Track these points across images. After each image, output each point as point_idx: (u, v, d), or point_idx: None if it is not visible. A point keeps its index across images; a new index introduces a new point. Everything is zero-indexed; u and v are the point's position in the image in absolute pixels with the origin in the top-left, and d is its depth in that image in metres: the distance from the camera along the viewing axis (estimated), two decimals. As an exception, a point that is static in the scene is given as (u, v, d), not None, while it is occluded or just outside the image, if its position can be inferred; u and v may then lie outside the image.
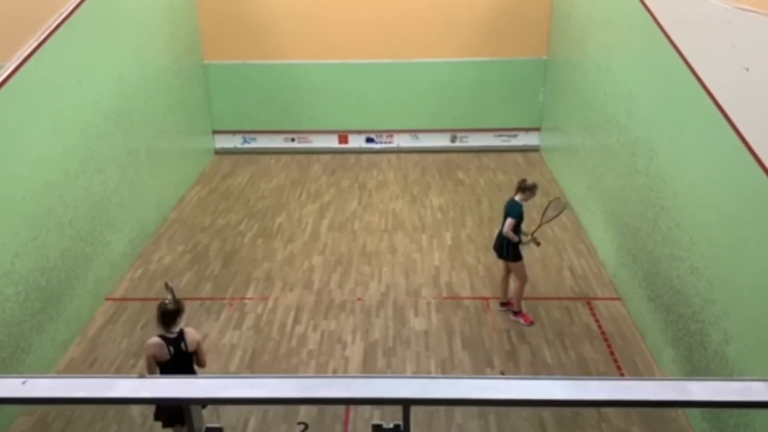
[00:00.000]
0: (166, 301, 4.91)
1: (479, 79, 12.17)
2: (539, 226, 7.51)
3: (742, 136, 5.12)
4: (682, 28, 6.36)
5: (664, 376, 6.32)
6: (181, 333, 4.92)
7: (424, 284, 8.15)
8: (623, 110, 7.84)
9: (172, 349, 4.86)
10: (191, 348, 4.96)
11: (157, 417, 5.11)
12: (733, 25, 5.35)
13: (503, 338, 7.11)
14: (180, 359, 4.89)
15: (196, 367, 5.12)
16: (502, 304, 7.57)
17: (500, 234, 7.21)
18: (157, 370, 4.89)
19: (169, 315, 4.85)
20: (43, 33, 6.82)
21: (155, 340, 4.87)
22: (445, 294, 7.96)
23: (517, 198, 7.10)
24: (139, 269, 8.57)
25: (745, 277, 5.07)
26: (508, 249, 7.19)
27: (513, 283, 7.48)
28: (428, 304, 7.74)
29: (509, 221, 7.00)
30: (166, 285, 5.24)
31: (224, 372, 6.65)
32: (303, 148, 12.68)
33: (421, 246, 9.09)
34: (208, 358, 6.75)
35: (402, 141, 12.69)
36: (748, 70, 5.08)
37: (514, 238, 7.09)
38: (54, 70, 6.95)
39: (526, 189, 7.08)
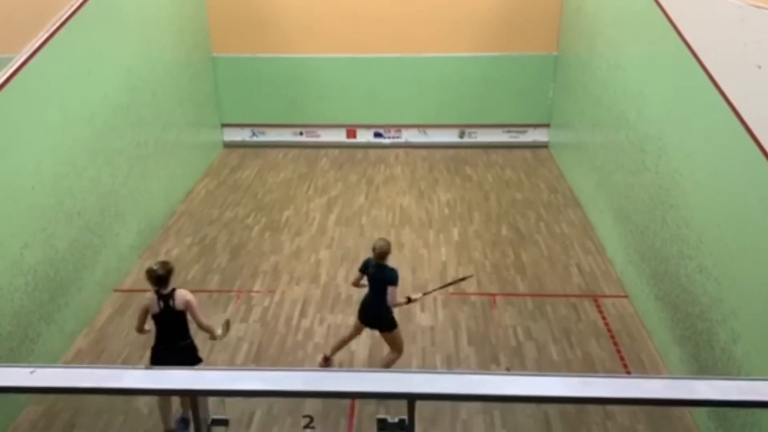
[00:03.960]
0: (154, 266, 5.33)
1: (488, 74, 12.12)
2: (439, 288, 6.98)
3: (753, 134, 5.09)
4: (693, 24, 6.31)
5: (671, 375, 6.30)
6: (172, 291, 5.35)
7: (430, 279, 8.15)
8: (633, 107, 7.79)
9: (162, 303, 5.32)
10: (178, 306, 5.34)
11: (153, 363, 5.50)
12: (746, 23, 5.31)
13: (509, 334, 7.10)
14: (168, 315, 5.34)
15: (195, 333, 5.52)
16: (326, 360, 6.54)
17: (377, 304, 6.11)
18: (148, 325, 5.45)
19: (158, 279, 5.28)
20: (52, 25, 6.84)
21: (150, 293, 5.37)
22: (451, 290, 7.95)
23: (389, 263, 6.11)
24: (147, 261, 8.60)
25: (753, 276, 5.04)
26: (387, 318, 6.15)
27: (386, 354, 6.42)
28: (434, 299, 7.74)
29: (393, 290, 5.97)
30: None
31: (230, 365, 6.68)
32: (311, 142, 12.69)
33: (428, 241, 9.09)
34: (215, 349, 6.82)
35: (410, 136, 12.67)
36: (760, 67, 5.04)
37: (402, 303, 6.19)
38: (63, 63, 6.97)
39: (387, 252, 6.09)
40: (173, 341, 5.45)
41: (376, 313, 6.18)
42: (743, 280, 5.19)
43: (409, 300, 6.25)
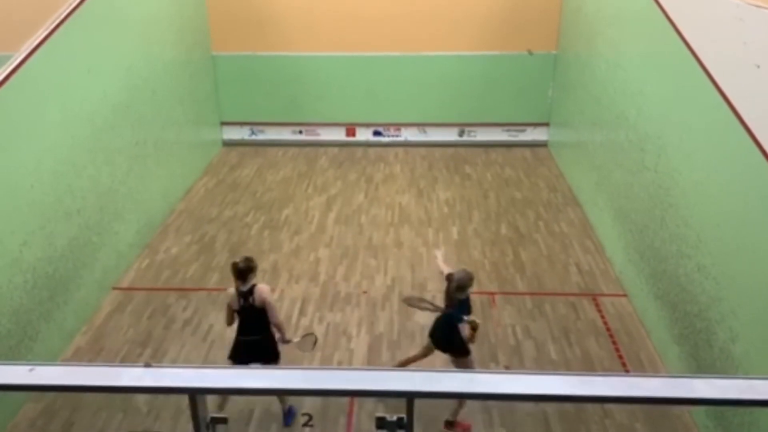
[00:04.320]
0: (237, 260, 5.44)
1: (488, 73, 12.12)
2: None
3: (752, 134, 5.09)
4: (692, 24, 6.31)
5: (670, 374, 6.31)
6: (251, 288, 5.41)
7: (429, 278, 8.15)
8: (633, 107, 7.80)
9: (242, 300, 5.41)
10: (257, 303, 5.41)
11: (231, 356, 5.62)
12: (745, 22, 5.31)
13: (508, 333, 7.11)
14: (248, 311, 5.44)
15: (274, 331, 5.59)
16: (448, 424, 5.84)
17: (449, 328, 5.68)
18: (235, 320, 5.52)
19: (238, 272, 5.39)
20: (52, 23, 6.83)
21: (231, 290, 5.46)
22: (450, 288, 7.95)
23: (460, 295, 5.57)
24: (146, 259, 8.61)
25: (752, 275, 5.05)
26: (459, 344, 5.71)
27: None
28: (434, 298, 7.72)
29: (462, 326, 5.59)
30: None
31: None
32: (310, 140, 12.68)
33: (427, 240, 9.09)
34: (215, 347, 6.83)
35: (409, 134, 12.67)
36: (759, 67, 5.04)
37: (470, 334, 5.62)
38: (63, 61, 6.97)
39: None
40: (251, 336, 5.54)
41: (448, 337, 5.70)
42: (742, 279, 5.20)
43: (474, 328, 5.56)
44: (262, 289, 5.47)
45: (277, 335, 5.61)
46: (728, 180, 5.48)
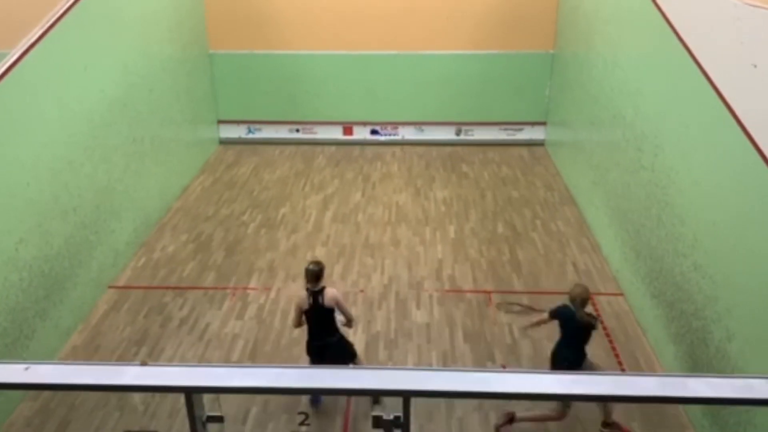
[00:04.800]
0: (310, 264, 5.66)
1: (485, 72, 12.12)
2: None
3: (748, 133, 5.10)
4: (690, 23, 6.32)
5: (666, 372, 6.32)
6: (321, 289, 5.62)
7: (426, 277, 8.16)
8: (630, 106, 7.80)
9: (311, 300, 5.60)
10: (327, 303, 5.61)
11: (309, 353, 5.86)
12: (742, 21, 5.32)
13: (505, 332, 7.11)
14: (317, 311, 5.62)
15: (344, 328, 5.86)
16: (606, 425, 5.78)
17: (576, 350, 5.63)
18: (303, 320, 5.71)
19: (310, 273, 5.60)
20: (48, 20, 6.81)
21: (303, 292, 5.66)
22: (447, 287, 7.96)
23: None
24: (143, 258, 8.60)
25: (748, 275, 5.06)
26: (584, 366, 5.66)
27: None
28: (430, 296, 7.75)
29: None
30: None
31: (226, 361, 6.68)
32: (307, 139, 12.67)
33: (424, 239, 9.09)
34: (211, 346, 6.82)
35: (407, 133, 12.67)
36: (756, 66, 5.05)
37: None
38: (59, 58, 6.95)
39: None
40: (324, 337, 5.71)
41: (575, 361, 5.59)
42: (738, 278, 5.21)
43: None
44: (331, 291, 5.69)
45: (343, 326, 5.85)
46: (725, 179, 5.49)
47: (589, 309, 5.71)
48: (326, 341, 5.72)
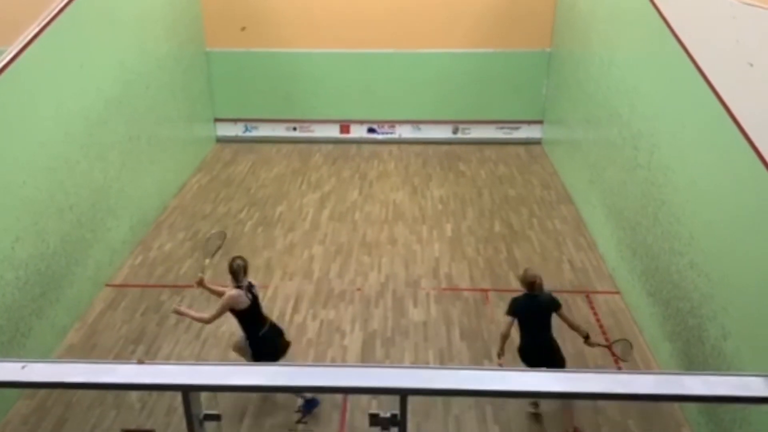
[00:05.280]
0: (237, 259, 5.59)
1: (482, 70, 12.13)
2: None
3: (744, 132, 5.11)
4: (686, 22, 6.33)
5: (662, 370, 6.34)
6: (250, 283, 5.64)
7: (423, 275, 8.16)
8: (626, 104, 7.82)
9: (250, 295, 5.58)
10: (257, 294, 5.70)
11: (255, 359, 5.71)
12: (738, 20, 5.33)
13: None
14: (256, 304, 5.65)
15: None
16: None
17: (547, 339, 5.65)
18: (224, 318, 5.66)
19: (243, 269, 5.56)
20: (45, 18, 6.79)
21: (236, 291, 5.53)
22: (444, 285, 7.97)
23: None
24: (140, 256, 8.59)
25: (744, 273, 5.08)
26: (560, 354, 5.72)
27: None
28: (427, 295, 7.76)
29: (562, 313, 5.63)
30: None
31: (223, 359, 6.67)
32: (304, 137, 12.66)
33: (421, 237, 9.10)
34: (208, 344, 6.82)
35: (404, 132, 12.66)
36: (752, 65, 5.06)
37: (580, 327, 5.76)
38: (56, 56, 6.92)
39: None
40: (264, 324, 5.73)
41: (551, 349, 5.62)
42: (734, 276, 5.22)
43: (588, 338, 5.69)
44: (254, 282, 5.71)
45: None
46: (721, 177, 5.50)
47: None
48: (269, 328, 5.74)
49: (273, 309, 7.48)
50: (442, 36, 11.91)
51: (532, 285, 5.56)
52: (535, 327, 5.58)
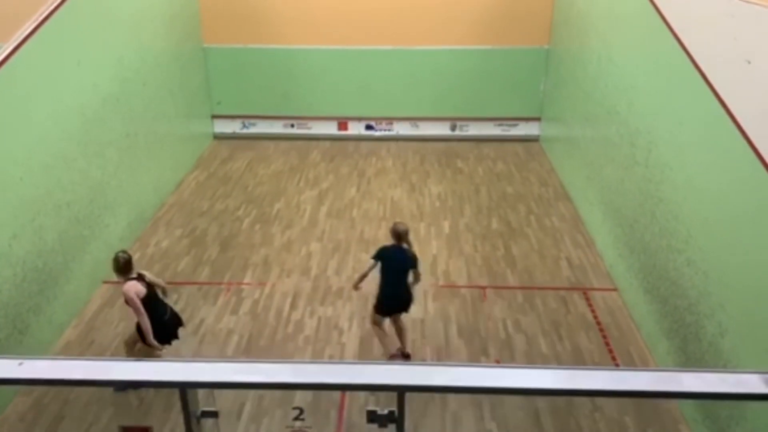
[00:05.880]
0: (120, 253, 5.76)
1: (480, 67, 12.12)
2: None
3: (742, 129, 5.12)
4: (684, 19, 6.33)
5: (659, 367, 6.35)
6: (139, 273, 5.82)
7: (421, 272, 8.14)
8: (624, 101, 7.82)
9: (144, 284, 5.73)
10: (151, 280, 5.91)
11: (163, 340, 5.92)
12: (736, 18, 5.33)
13: (499, 327, 7.13)
14: (152, 291, 5.84)
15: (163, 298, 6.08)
16: (405, 356, 6.59)
17: (405, 288, 6.36)
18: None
19: (128, 262, 5.71)
20: (41, 14, 6.77)
21: (133, 282, 5.67)
22: (441, 282, 7.97)
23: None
24: (137, 253, 8.57)
25: (741, 270, 5.08)
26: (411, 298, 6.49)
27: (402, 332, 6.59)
28: (425, 292, 7.76)
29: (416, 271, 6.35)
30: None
31: (221, 357, 6.67)
32: (302, 134, 12.64)
33: (418, 234, 9.09)
34: (205, 341, 6.83)
35: (402, 129, 12.66)
36: (750, 63, 5.07)
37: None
38: (52, 52, 6.90)
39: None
40: (167, 310, 5.96)
41: (407, 296, 6.39)
42: (731, 273, 5.23)
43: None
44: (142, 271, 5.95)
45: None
46: (718, 175, 5.51)
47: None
48: (169, 313, 5.98)
49: (270, 306, 7.48)
50: (440, 33, 11.90)
51: (399, 237, 6.21)
52: (396, 276, 6.25)
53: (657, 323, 6.61)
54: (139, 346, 6.02)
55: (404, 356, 6.59)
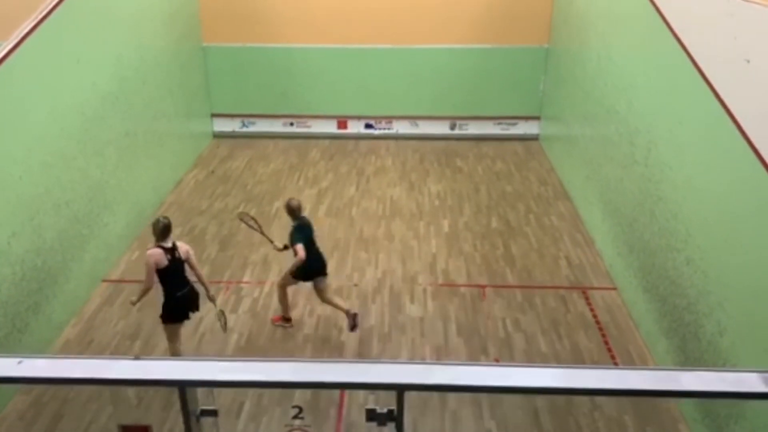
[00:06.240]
0: (160, 218, 5.82)
1: (480, 66, 12.12)
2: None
3: (741, 128, 5.12)
4: (683, 18, 6.33)
5: (658, 366, 6.36)
6: (174, 244, 5.82)
7: (420, 271, 8.17)
8: (623, 101, 7.82)
9: (169, 256, 5.75)
10: (183, 256, 5.87)
11: (165, 320, 6.03)
12: (735, 17, 5.33)
13: (498, 326, 7.13)
14: (176, 265, 5.82)
15: (197, 282, 6.10)
16: (353, 315, 6.90)
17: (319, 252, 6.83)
18: (156, 278, 5.77)
19: (166, 228, 5.75)
20: (41, 12, 6.76)
21: (156, 250, 5.72)
22: (441, 281, 7.98)
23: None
24: (136, 251, 8.56)
25: (740, 269, 5.09)
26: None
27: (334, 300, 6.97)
28: (424, 290, 7.76)
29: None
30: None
31: (220, 355, 6.67)
32: (302, 132, 12.64)
33: (418, 233, 9.10)
34: (205, 340, 6.82)
35: (401, 127, 12.66)
36: (749, 62, 5.07)
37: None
38: (52, 51, 6.90)
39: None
40: (184, 287, 5.98)
41: (324, 261, 6.89)
42: (730, 273, 5.24)
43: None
44: (182, 243, 5.96)
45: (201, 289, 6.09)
46: (717, 174, 5.51)
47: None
48: (185, 291, 5.95)
49: (270, 305, 7.48)
50: (440, 32, 11.89)
51: (294, 211, 6.65)
52: (312, 243, 6.70)
53: (656, 322, 6.61)
54: (164, 328, 6.12)
55: (352, 316, 6.83)
